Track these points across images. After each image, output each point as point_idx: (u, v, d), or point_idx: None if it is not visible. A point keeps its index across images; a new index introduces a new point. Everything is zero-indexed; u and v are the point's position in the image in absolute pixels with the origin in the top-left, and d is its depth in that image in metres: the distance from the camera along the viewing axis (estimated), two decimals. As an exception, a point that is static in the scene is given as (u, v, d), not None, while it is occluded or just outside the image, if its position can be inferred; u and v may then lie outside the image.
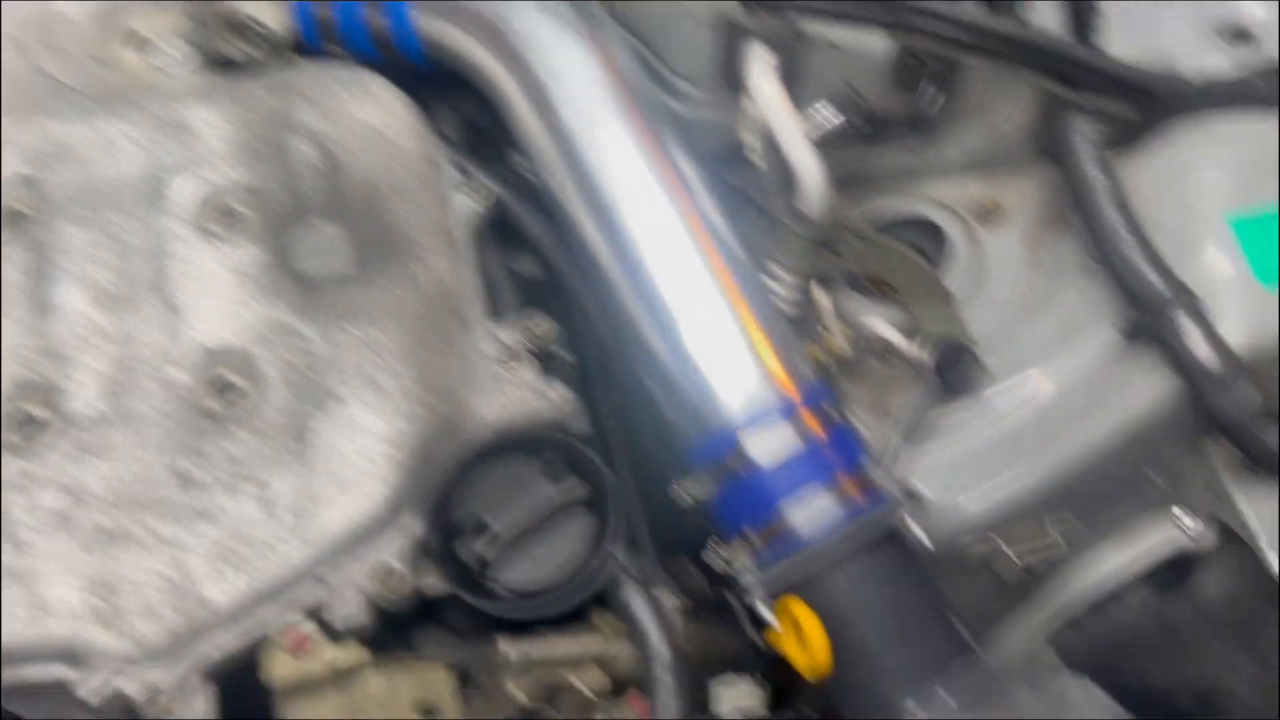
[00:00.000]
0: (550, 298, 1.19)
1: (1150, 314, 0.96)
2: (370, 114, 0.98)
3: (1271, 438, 0.96)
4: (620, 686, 0.92)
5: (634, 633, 0.89)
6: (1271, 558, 1.02)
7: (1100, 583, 1.15)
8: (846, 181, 1.15)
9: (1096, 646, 1.16)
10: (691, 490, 0.94)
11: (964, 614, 1.07)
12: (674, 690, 0.87)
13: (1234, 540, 1.09)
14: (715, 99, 1.12)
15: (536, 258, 1.15)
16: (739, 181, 1.19)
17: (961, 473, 1.04)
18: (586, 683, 0.89)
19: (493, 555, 0.83)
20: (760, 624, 0.91)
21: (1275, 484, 1.02)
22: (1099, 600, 1.16)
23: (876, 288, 1.12)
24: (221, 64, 1.06)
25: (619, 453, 1.09)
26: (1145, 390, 0.99)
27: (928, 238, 1.16)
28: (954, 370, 0.96)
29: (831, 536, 0.88)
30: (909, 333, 1.06)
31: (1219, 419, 0.95)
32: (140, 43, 1.02)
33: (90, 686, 0.78)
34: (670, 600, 0.97)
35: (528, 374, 0.92)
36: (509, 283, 1.07)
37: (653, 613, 0.89)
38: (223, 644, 0.81)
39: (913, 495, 0.90)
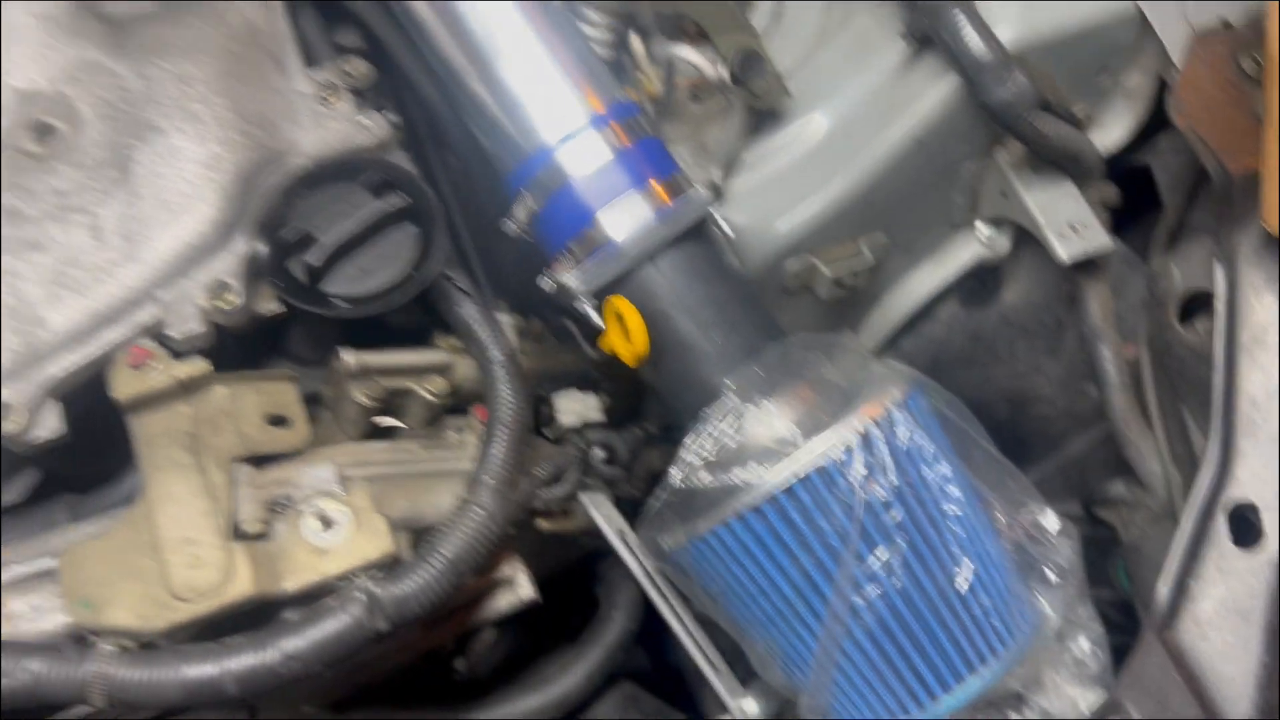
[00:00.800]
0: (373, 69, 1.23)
1: (929, 17, 1.05)
2: None
3: (1047, 126, 1.06)
4: (467, 399, 1.00)
5: (471, 345, 0.96)
6: (1057, 248, 1.13)
7: (911, 301, 1.27)
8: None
9: (913, 363, 1.28)
10: (518, 217, 1.00)
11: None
12: (511, 392, 0.94)
13: (1031, 245, 1.21)
14: None
15: (356, 28, 1.19)
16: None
17: (773, 197, 1.13)
18: (429, 389, 0.96)
19: (319, 262, 0.89)
20: (592, 337, 0.99)
21: (1058, 175, 1.13)
22: (912, 317, 1.28)
23: (689, 33, 1.19)
24: None
25: (453, 205, 1.16)
26: (930, 93, 1.09)
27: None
28: (751, 80, 1.04)
29: (645, 233, 0.96)
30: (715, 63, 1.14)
31: (995, 110, 1.05)
32: None
33: (-65, 407, 0.82)
34: (506, 318, 1.05)
35: (345, 107, 0.97)
36: (324, 41, 1.11)
37: (487, 324, 0.96)
38: (67, 364, 0.86)
39: (715, 189, 0.98)
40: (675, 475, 0.93)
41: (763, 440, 0.92)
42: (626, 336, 0.96)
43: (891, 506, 0.90)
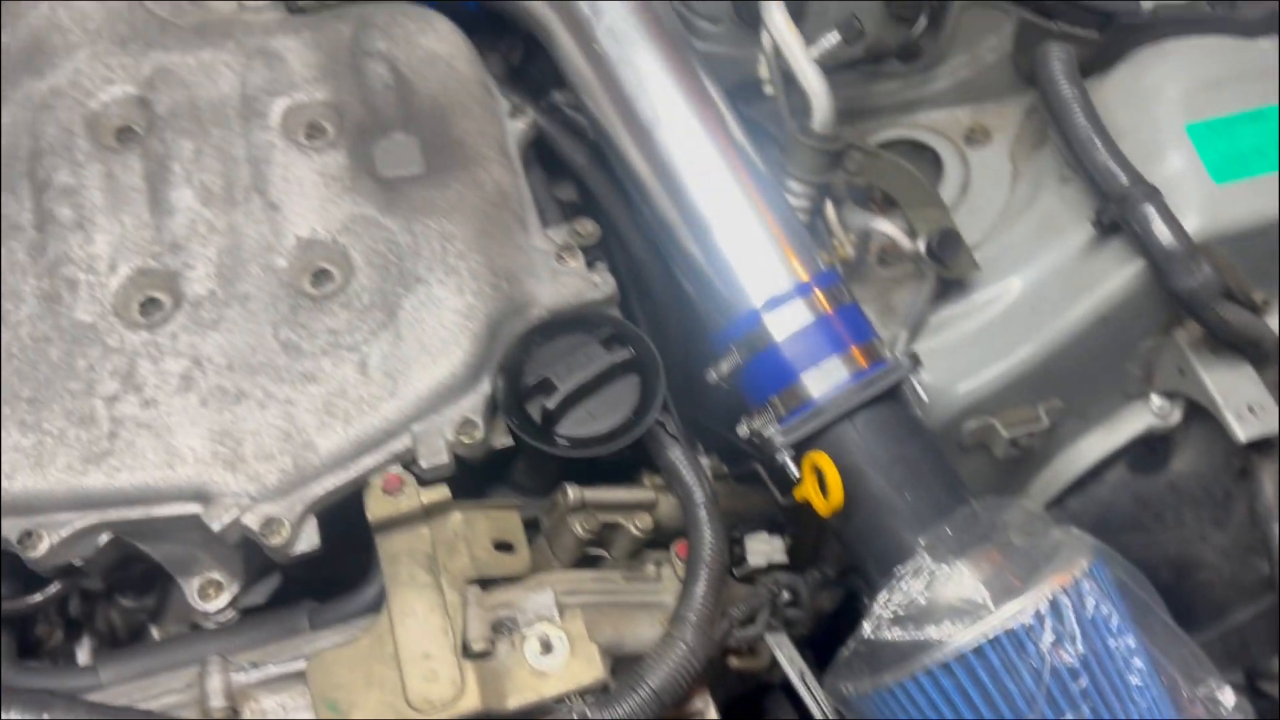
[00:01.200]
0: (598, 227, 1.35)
1: (1118, 206, 1.12)
2: (434, 43, 1.14)
3: (1229, 313, 1.12)
4: (665, 535, 1.08)
5: (677, 486, 1.04)
6: (1235, 428, 1.17)
7: (1081, 463, 1.32)
8: (849, 113, 1.32)
9: (1079, 523, 1.32)
10: (721, 369, 1.09)
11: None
12: (713, 534, 1.02)
13: (1202, 418, 1.26)
14: (732, 35, 1.28)
15: (573, 183, 1.31)
16: (754, 114, 1.35)
17: (958, 360, 1.20)
18: (636, 525, 1.04)
19: (555, 406, 0.99)
20: (783, 483, 1.07)
21: (1236, 358, 1.18)
22: (1080, 478, 1.32)
23: (878, 201, 1.29)
24: (296, 11, 1.22)
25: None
26: (1116, 275, 1.16)
27: (923, 161, 1.32)
28: (947, 256, 1.12)
29: (844, 393, 1.04)
30: (907, 233, 1.23)
31: (1181, 297, 1.11)
32: (229, -12, 1.18)
33: (219, 519, 0.93)
34: (706, 462, 1.13)
35: (577, 264, 1.08)
36: (551, 200, 1.23)
37: (692, 468, 1.04)
38: (330, 485, 0.96)
39: (913, 357, 1.06)
40: (866, 627, 0.98)
41: (952, 600, 0.98)
42: (823, 490, 1.03)
43: (1078, 675, 0.94)
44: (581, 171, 1.28)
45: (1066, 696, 0.94)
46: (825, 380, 1.05)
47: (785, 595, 1.10)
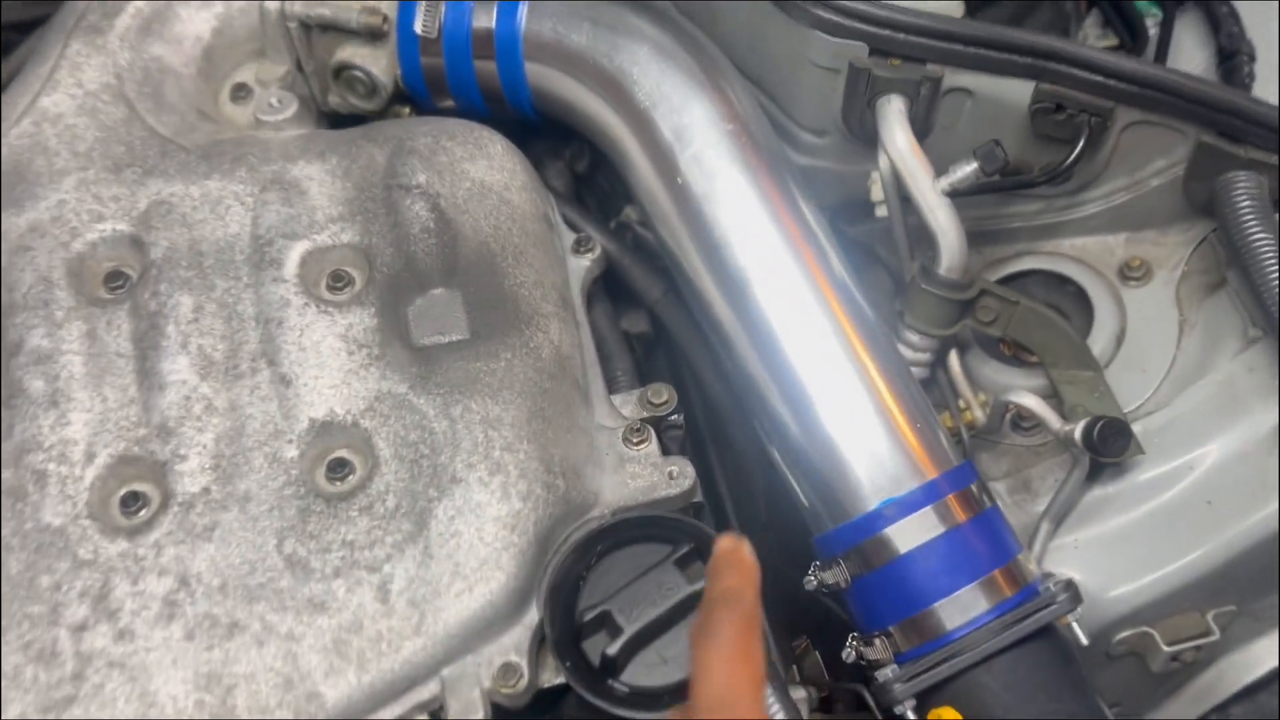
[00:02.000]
0: (654, 350, 1.16)
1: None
2: (484, 171, 0.95)
3: None
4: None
5: (767, 732, 0.84)
6: None
7: (1253, 671, 1.09)
8: (976, 235, 1.11)
9: (1246, 731, 1.10)
10: (826, 579, 0.89)
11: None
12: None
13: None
14: (839, 149, 1.08)
15: (645, 313, 1.12)
16: (864, 236, 1.15)
17: (1112, 560, 0.99)
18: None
19: (623, 657, 0.79)
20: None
21: None
22: (1249, 686, 1.10)
23: (1015, 353, 1.08)
24: (328, 117, 1.04)
25: (734, 521, 1.06)
26: (1321, 472, 0.93)
27: (1068, 298, 1.11)
28: (1110, 451, 0.90)
29: (981, 632, 0.83)
30: (1051, 400, 1.01)
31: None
32: (246, 95, 1.00)
33: (198, 789, 0.75)
34: (799, 693, 0.93)
35: (650, 450, 0.89)
36: (621, 349, 1.04)
37: (784, 708, 0.84)
38: (336, 746, 0.78)
39: (1070, 587, 0.85)
40: None
41: None
42: (954, 757, 0.83)
43: None
44: (657, 307, 1.09)
45: None
46: (959, 613, 0.84)
47: None
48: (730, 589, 0.66)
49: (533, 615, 0.82)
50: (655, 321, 1.12)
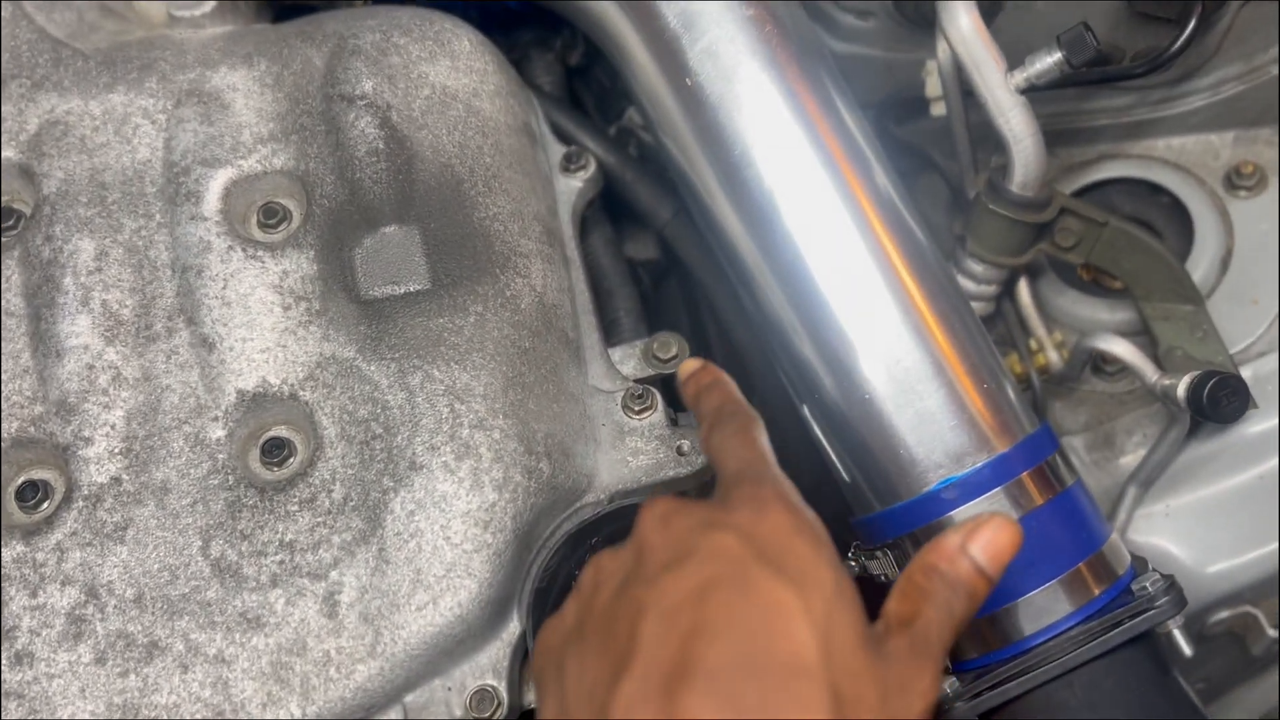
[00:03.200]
0: (665, 280, 1.00)
1: None
2: (446, 74, 0.78)
3: None
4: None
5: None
6: None
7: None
8: (1051, 135, 0.93)
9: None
10: (871, 568, 0.75)
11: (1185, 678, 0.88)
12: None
13: None
14: (887, 33, 0.90)
15: (652, 236, 0.96)
16: (915, 137, 0.97)
17: (1215, 530, 0.84)
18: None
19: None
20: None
21: None
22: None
23: (1095, 277, 0.91)
24: (268, 8, 0.86)
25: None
26: None
27: (1161, 212, 0.93)
28: (1222, 414, 0.74)
29: (1060, 640, 0.69)
30: (1141, 339, 0.85)
31: None
32: (158, -15, 0.83)
33: (115, 844, 0.63)
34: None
35: (655, 419, 0.73)
36: (622, 274, 0.88)
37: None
38: (279, 787, 0.65)
39: (1172, 587, 0.70)
40: None
41: None
42: (1024, 789, 0.69)
43: None
44: (667, 230, 0.92)
45: None
46: (1036, 617, 0.70)
47: None
48: (724, 404, 0.64)
49: (513, 628, 0.68)
50: (666, 247, 0.95)
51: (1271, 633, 0.85)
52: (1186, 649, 0.70)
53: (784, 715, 0.46)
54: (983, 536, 0.56)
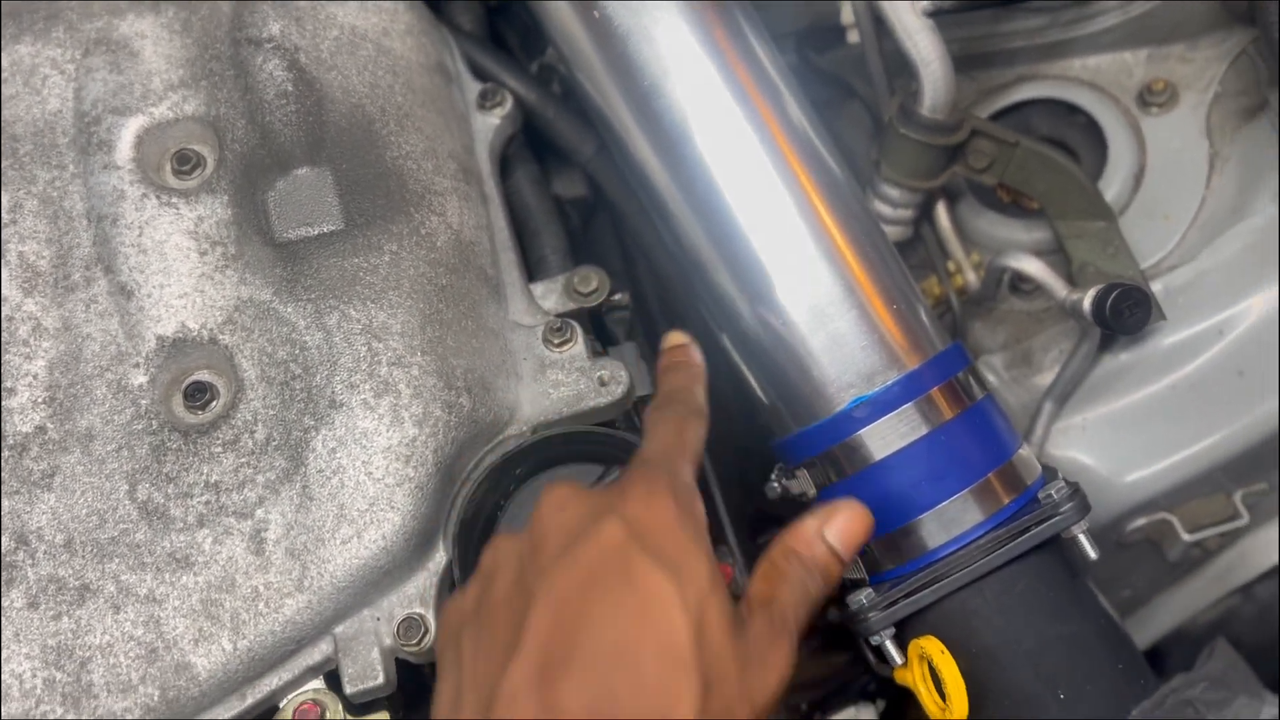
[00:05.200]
0: (595, 217, 1.01)
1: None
2: (355, 13, 0.78)
3: None
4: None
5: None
6: None
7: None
8: (966, 59, 0.94)
9: (1270, 615, 0.99)
10: (789, 488, 0.77)
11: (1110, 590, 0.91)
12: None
13: None
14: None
15: (580, 174, 0.96)
16: (835, 66, 0.97)
17: (1129, 440, 0.86)
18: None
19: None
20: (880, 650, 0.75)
21: None
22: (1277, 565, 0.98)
23: (1011, 197, 0.92)
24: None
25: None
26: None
27: (1076, 131, 0.94)
28: (1127, 324, 0.76)
29: (970, 549, 0.71)
30: (1056, 257, 0.86)
31: None
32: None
33: (55, 779, 0.65)
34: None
35: (576, 351, 0.74)
36: (549, 212, 0.88)
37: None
38: (214, 720, 0.66)
39: (1076, 494, 0.72)
40: None
41: None
42: (939, 695, 0.71)
43: None
44: (590, 166, 0.93)
45: None
46: (946, 528, 0.72)
47: (880, 801, 0.80)
48: (678, 389, 0.68)
49: (439, 558, 0.70)
50: (593, 184, 0.96)
51: (1185, 537, 0.87)
52: (1092, 553, 0.72)
53: (656, 702, 0.49)
54: (837, 523, 0.61)
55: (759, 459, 0.83)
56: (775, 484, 0.79)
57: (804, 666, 0.83)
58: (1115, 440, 0.86)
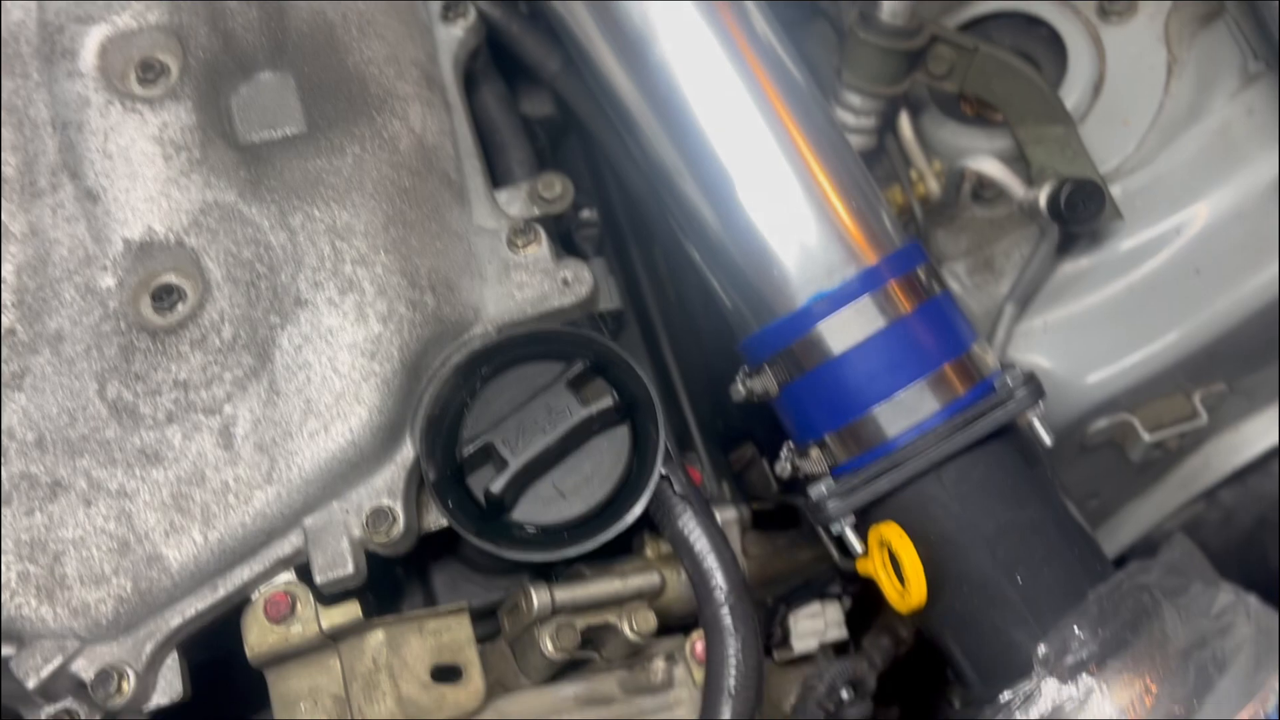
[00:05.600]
0: (565, 137, 1.01)
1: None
2: (318, -77, 0.78)
3: None
4: (678, 620, 0.79)
5: (690, 568, 0.74)
6: None
7: (1244, 452, 0.99)
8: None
9: (1232, 522, 1.01)
10: (754, 388, 0.78)
11: (1077, 500, 0.92)
12: (740, 646, 0.72)
13: None
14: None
15: (544, 91, 0.96)
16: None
17: (1087, 341, 0.87)
18: (635, 626, 0.75)
19: (510, 494, 0.68)
20: (843, 542, 0.76)
21: None
22: (1240, 469, 1.00)
23: (975, 110, 0.93)
24: None
25: (660, 327, 0.94)
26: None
27: (1038, 43, 0.95)
28: (1081, 218, 0.77)
29: (927, 436, 0.72)
30: (1017, 165, 0.87)
31: None
32: None
33: (34, 671, 0.66)
34: (729, 513, 0.83)
35: (540, 253, 0.75)
36: (515, 129, 0.89)
37: (712, 543, 0.74)
38: (189, 613, 0.68)
39: (1031, 380, 0.73)
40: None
41: (1086, 744, 0.68)
42: (898, 579, 0.73)
43: None
44: (557, 82, 0.93)
45: None
46: (902, 416, 0.73)
47: (844, 693, 0.81)
48: None
49: (407, 452, 0.71)
50: (562, 104, 0.96)
51: (1146, 438, 0.89)
52: (1047, 439, 0.73)
53: None
54: None
55: (729, 380, 0.84)
56: (740, 385, 0.80)
57: (770, 562, 0.86)
58: (1076, 342, 0.87)
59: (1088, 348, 0.87)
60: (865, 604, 0.91)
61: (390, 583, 0.79)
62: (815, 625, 0.83)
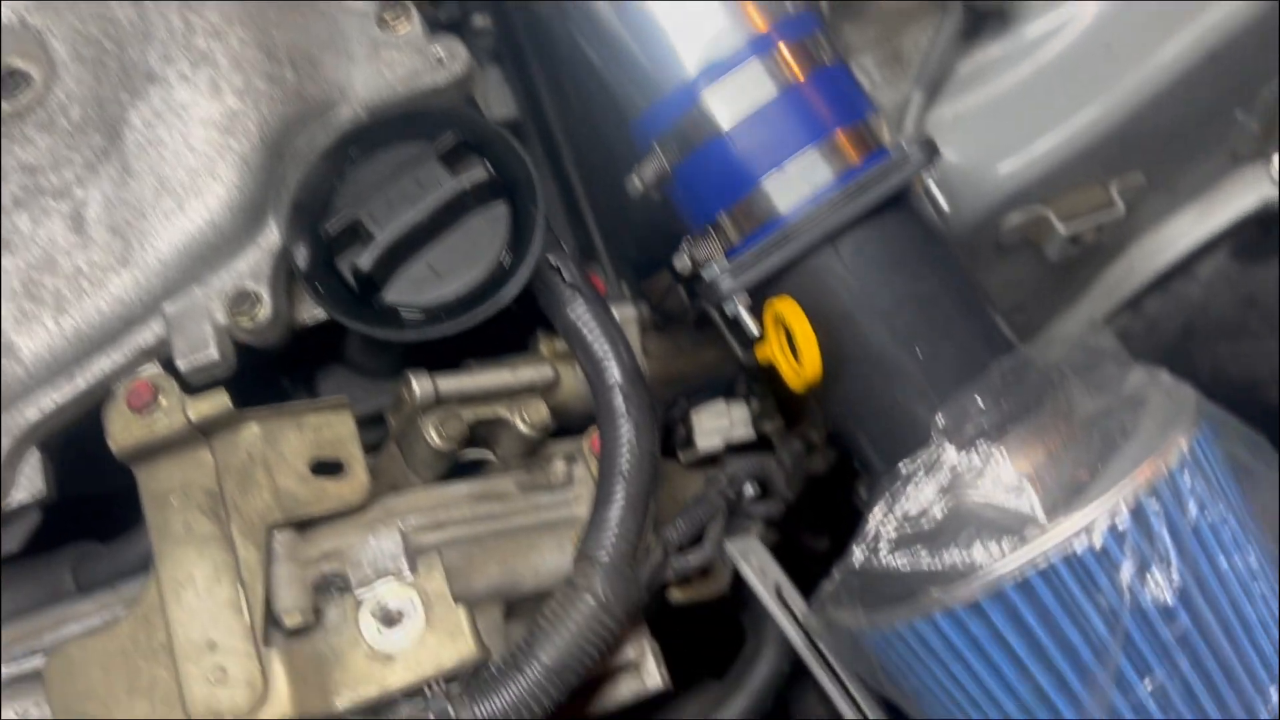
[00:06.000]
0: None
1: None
2: None
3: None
4: (576, 419, 0.77)
5: (583, 358, 0.71)
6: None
7: (1167, 253, 0.97)
8: None
9: (1159, 330, 0.99)
10: (645, 175, 0.74)
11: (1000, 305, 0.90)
12: (634, 431, 0.69)
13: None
14: None
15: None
16: None
17: (998, 128, 0.84)
18: (525, 419, 0.72)
19: (373, 266, 0.65)
20: (745, 335, 0.74)
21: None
22: (1163, 275, 0.98)
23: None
24: None
25: (564, 141, 0.90)
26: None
27: None
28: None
29: (821, 208, 0.69)
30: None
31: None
32: None
33: (-120, 466, 0.63)
34: (627, 310, 0.80)
35: (411, 31, 0.71)
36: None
37: (604, 332, 0.71)
38: (47, 406, 0.65)
39: (928, 146, 0.70)
40: (857, 554, 0.68)
41: (986, 508, 0.66)
42: (793, 354, 0.70)
43: (1173, 615, 0.64)
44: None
45: (1155, 645, 0.64)
46: (795, 187, 0.70)
47: (750, 489, 0.79)
48: None
49: (272, 236, 0.67)
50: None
51: (1061, 229, 0.86)
52: (944, 203, 0.71)
53: None
54: None
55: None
56: (635, 178, 0.75)
57: (671, 361, 0.83)
58: (986, 130, 0.84)
59: (999, 136, 0.84)
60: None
61: (275, 392, 0.77)
62: (720, 423, 0.80)
